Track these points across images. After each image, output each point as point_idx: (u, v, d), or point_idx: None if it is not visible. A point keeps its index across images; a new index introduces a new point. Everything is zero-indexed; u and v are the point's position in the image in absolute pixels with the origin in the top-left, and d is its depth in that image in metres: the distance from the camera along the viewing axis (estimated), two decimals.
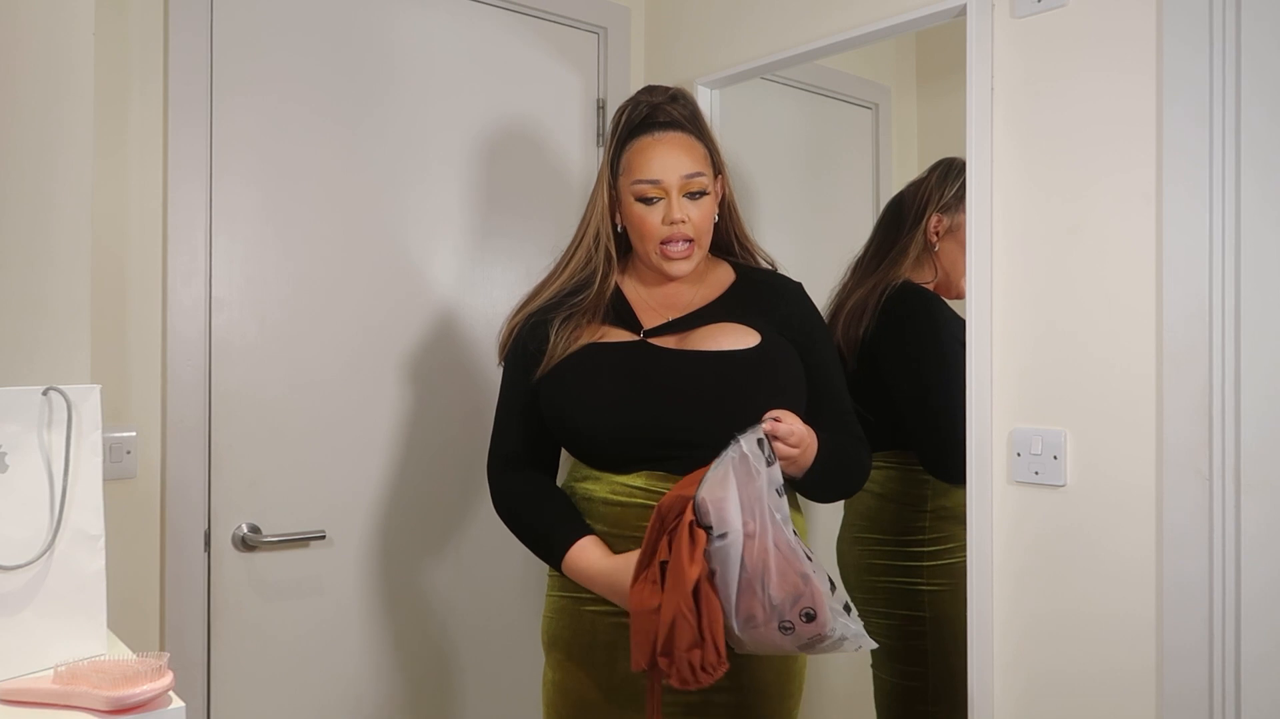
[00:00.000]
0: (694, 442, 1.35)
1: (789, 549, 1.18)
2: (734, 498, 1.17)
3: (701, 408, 1.35)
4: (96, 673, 0.90)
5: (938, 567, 1.75)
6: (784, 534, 1.18)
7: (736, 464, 1.18)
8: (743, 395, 1.36)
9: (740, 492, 1.18)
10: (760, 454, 1.19)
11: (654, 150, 1.43)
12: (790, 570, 1.17)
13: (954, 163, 1.86)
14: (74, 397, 1.02)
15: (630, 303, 1.49)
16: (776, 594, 1.17)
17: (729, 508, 1.17)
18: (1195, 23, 1.28)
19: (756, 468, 1.18)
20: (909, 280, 1.81)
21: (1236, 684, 1.25)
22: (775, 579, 1.17)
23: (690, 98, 1.51)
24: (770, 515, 1.18)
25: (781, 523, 1.18)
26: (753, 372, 1.37)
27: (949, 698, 1.52)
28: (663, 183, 1.42)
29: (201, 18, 1.63)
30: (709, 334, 1.41)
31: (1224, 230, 1.26)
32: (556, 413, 1.42)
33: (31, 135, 1.20)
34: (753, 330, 1.41)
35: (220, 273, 1.67)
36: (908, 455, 1.79)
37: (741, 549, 1.17)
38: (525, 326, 1.49)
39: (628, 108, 1.49)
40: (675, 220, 1.41)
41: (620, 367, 1.40)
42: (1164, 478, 1.30)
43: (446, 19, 1.93)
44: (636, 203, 1.44)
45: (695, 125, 1.48)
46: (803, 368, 1.42)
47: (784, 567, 1.17)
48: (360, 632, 1.83)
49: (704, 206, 1.44)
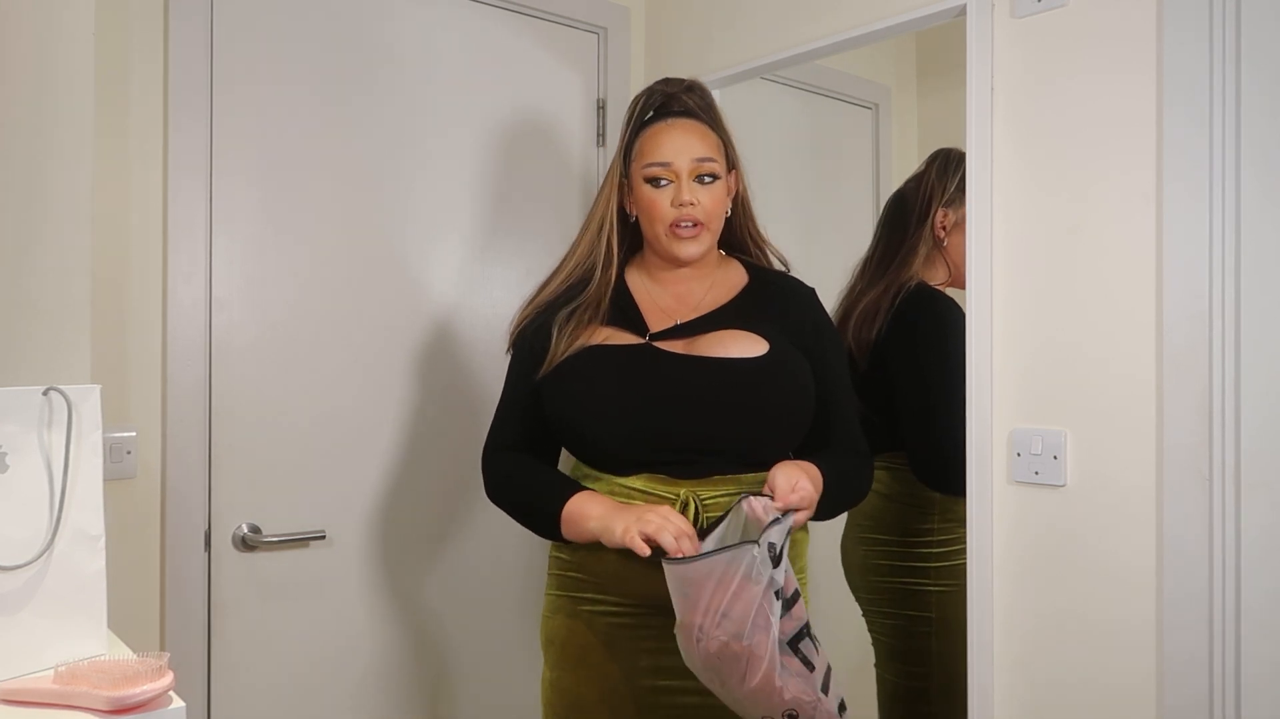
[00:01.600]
0: (695, 447, 1.36)
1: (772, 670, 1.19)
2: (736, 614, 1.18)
3: (705, 415, 1.35)
4: (96, 673, 0.90)
5: (946, 568, 1.75)
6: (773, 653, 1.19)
7: (743, 567, 1.18)
8: (748, 404, 1.36)
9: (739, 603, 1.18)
10: (768, 558, 1.19)
11: (666, 134, 1.44)
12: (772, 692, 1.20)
13: (951, 154, 1.86)
14: (74, 397, 1.02)
15: (638, 302, 1.48)
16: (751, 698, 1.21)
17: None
18: (1195, 22, 1.28)
19: (760, 573, 1.18)
20: (923, 282, 1.80)
21: (1237, 684, 1.25)
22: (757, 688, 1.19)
23: (706, 90, 1.51)
24: (766, 628, 1.19)
25: (774, 631, 1.19)
26: (759, 380, 1.37)
27: (953, 699, 1.52)
28: (673, 165, 1.41)
29: (201, 18, 1.63)
30: (717, 340, 1.40)
31: (1224, 230, 1.26)
32: (558, 414, 1.42)
33: (31, 135, 1.19)
34: (761, 339, 1.40)
35: (220, 273, 1.67)
36: None
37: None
38: (531, 322, 1.49)
39: (643, 96, 1.50)
40: (684, 202, 1.41)
41: (623, 370, 1.39)
42: (1164, 478, 1.30)
43: (447, 19, 1.93)
44: (646, 185, 1.44)
45: (709, 115, 1.48)
46: (812, 377, 1.42)
47: (768, 688, 1.19)
48: (360, 631, 1.83)
49: (714, 192, 1.43)
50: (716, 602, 1.18)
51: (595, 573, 1.40)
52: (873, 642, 1.91)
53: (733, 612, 1.17)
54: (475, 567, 1.96)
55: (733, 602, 1.17)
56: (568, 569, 1.44)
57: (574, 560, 1.43)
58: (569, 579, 1.44)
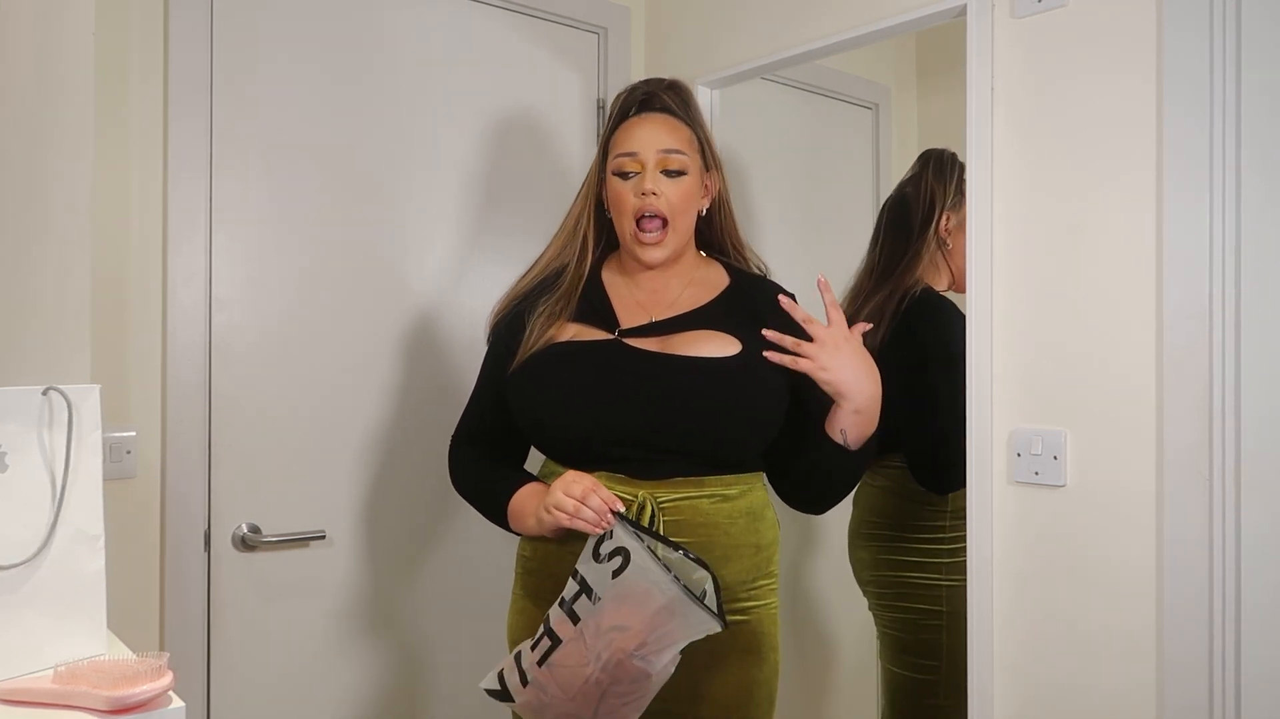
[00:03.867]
0: (657, 446, 1.34)
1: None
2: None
3: (668, 413, 1.34)
4: (96, 673, 0.90)
5: (959, 563, 1.75)
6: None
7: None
8: (713, 404, 1.34)
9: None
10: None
11: (637, 126, 1.44)
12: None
13: (944, 154, 1.86)
14: (74, 397, 1.02)
15: (611, 298, 1.47)
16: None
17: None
18: (1196, 23, 1.28)
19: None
20: (929, 288, 1.81)
21: (1237, 683, 1.25)
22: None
23: (686, 89, 1.51)
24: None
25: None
26: (726, 381, 1.35)
27: (963, 692, 1.52)
28: (639, 155, 1.41)
29: (202, 17, 1.63)
30: (690, 340, 1.38)
31: (1224, 231, 1.26)
32: (520, 408, 1.42)
33: (31, 134, 1.19)
34: (735, 339, 1.38)
35: (220, 273, 1.67)
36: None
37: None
38: (505, 317, 1.49)
39: (625, 94, 1.50)
40: (646, 190, 1.39)
41: (588, 366, 1.38)
42: (1164, 478, 1.30)
43: (447, 19, 1.93)
44: (615, 178, 1.43)
45: (686, 112, 1.48)
46: (785, 380, 1.38)
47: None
48: (360, 631, 1.83)
49: (682, 186, 1.41)
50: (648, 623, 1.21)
51: (555, 572, 1.38)
52: (879, 635, 1.91)
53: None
54: (476, 566, 1.96)
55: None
56: (529, 568, 1.45)
57: (535, 559, 1.43)
58: (531, 578, 1.44)
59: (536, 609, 1.41)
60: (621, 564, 1.22)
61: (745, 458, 1.40)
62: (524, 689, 1.28)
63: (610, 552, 1.23)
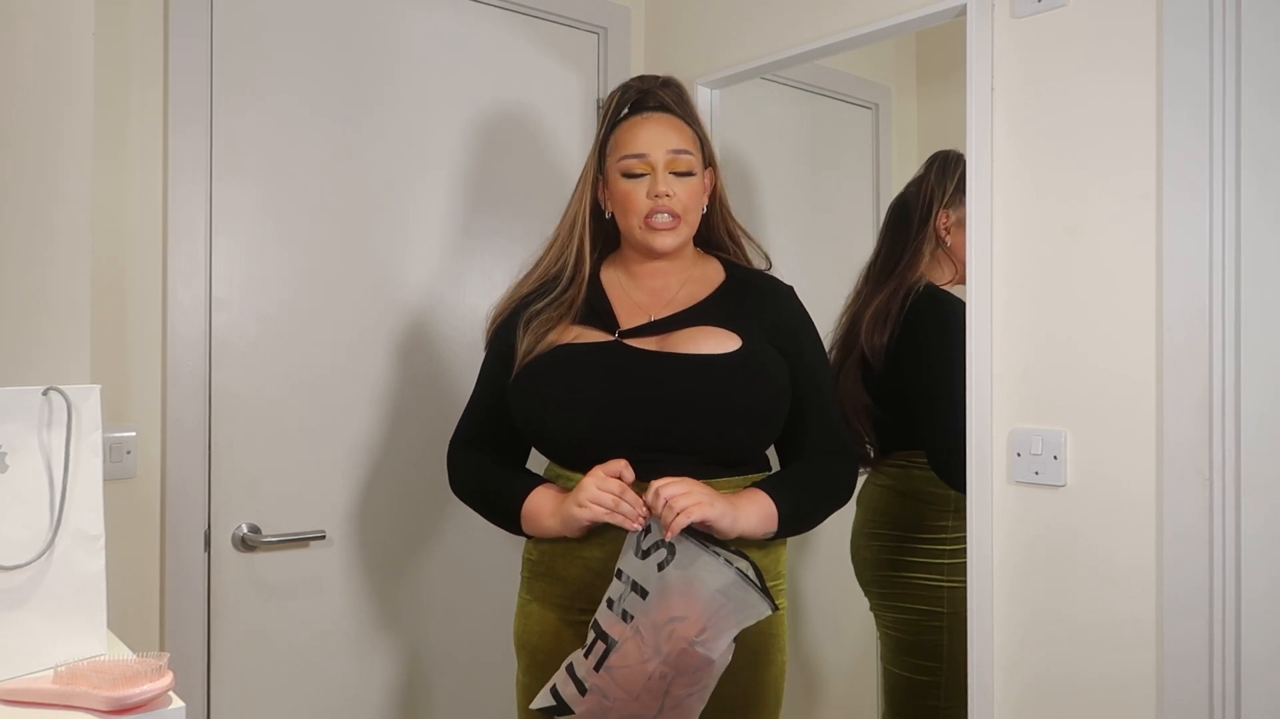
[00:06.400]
0: (660, 446, 1.34)
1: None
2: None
3: (671, 413, 1.34)
4: (96, 673, 0.90)
5: (961, 564, 1.75)
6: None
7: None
8: (715, 402, 1.34)
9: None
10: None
11: (642, 127, 1.43)
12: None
13: (950, 155, 1.86)
14: (74, 397, 1.02)
15: (610, 299, 1.47)
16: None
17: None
18: (1196, 23, 1.28)
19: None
20: (931, 284, 1.82)
21: (1237, 684, 1.25)
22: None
23: (681, 86, 1.51)
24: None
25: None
26: (728, 377, 1.35)
27: (964, 693, 1.52)
28: (648, 157, 1.41)
29: (201, 18, 1.63)
30: (689, 337, 1.38)
31: (1224, 231, 1.26)
32: (521, 412, 1.42)
33: (31, 136, 1.19)
34: (734, 335, 1.38)
35: (220, 273, 1.67)
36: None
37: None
38: (504, 320, 1.49)
39: (619, 92, 1.50)
40: (660, 193, 1.40)
41: (589, 368, 1.37)
42: (1164, 478, 1.30)
43: (447, 19, 1.93)
44: (622, 179, 1.43)
45: (684, 110, 1.48)
46: (787, 375, 1.39)
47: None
48: (360, 632, 1.83)
49: (690, 185, 1.43)
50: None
51: (563, 575, 1.39)
52: (880, 636, 1.91)
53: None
54: (478, 566, 1.96)
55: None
56: (537, 571, 1.44)
57: (542, 563, 1.43)
58: (538, 582, 1.44)
59: (544, 612, 1.41)
60: (667, 557, 1.23)
61: (748, 457, 1.40)
62: (582, 699, 1.27)
63: (651, 545, 1.25)
